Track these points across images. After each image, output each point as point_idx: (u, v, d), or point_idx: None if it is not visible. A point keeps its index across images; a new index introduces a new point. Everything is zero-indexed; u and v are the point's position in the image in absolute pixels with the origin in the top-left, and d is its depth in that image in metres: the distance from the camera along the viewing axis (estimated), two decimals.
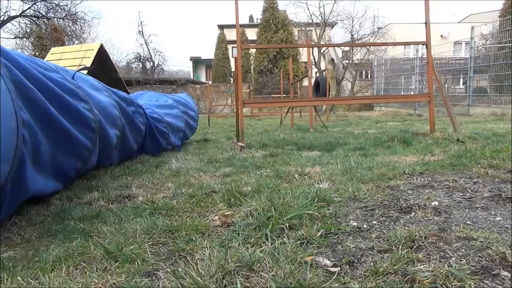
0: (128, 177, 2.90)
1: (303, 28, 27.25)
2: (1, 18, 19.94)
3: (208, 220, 1.67)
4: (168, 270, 1.20)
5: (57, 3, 20.83)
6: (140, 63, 28.22)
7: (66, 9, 21.17)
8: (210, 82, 13.78)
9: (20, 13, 20.63)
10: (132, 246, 1.34)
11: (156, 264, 1.26)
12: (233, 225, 1.63)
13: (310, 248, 1.29)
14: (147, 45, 28.11)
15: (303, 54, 24.75)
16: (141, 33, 27.92)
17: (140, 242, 1.42)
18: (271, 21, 24.02)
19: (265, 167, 3.07)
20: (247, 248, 1.28)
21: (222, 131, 8.93)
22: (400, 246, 1.24)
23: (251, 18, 36.11)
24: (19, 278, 1.14)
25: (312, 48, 25.32)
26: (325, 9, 25.16)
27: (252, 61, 25.32)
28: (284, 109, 10.91)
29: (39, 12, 20.97)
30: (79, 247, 1.34)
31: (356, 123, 10.24)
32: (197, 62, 36.61)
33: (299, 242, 1.33)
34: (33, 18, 21.35)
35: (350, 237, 1.40)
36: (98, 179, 2.80)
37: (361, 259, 1.21)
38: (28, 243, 1.52)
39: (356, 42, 24.22)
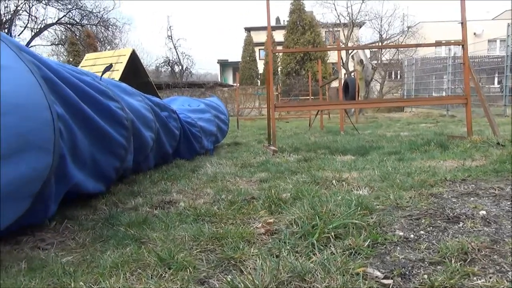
0: (167, 182, 2.97)
1: (331, 29, 27.03)
2: (39, 26, 20.85)
3: (252, 228, 1.70)
4: (221, 278, 1.23)
5: (90, 11, 21.58)
6: (169, 67, 28.76)
7: (99, 16, 21.90)
8: (237, 85, 13.86)
9: (56, 21, 21.50)
10: (182, 253, 1.39)
11: (208, 272, 1.29)
12: (276, 233, 1.66)
13: (359, 258, 1.29)
14: (176, 49, 28.64)
15: (331, 55, 24.52)
16: (170, 37, 28.47)
17: (189, 249, 1.46)
18: (298, 23, 23.95)
19: (301, 172, 3.08)
20: (297, 258, 1.29)
21: (251, 134, 8.98)
22: (453, 259, 1.22)
23: (277, 20, 36.09)
24: (81, 283, 1.20)
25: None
26: (353, 9, 24.84)
27: (279, 63, 25.32)
28: (313, 111, 10.85)
29: (73, 19, 21.80)
30: (133, 254, 1.40)
31: (386, 125, 10.05)
32: (224, 64, 36.95)
33: (347, 252, 1.33)
34: (68, 25, 22.19)
35: (398, 248, 1.39)
36: (139, 184, 2.89)
37: (412, 271, 1.20)
38: (83, 248, 1.59)
39: (385, 41, 23.80)
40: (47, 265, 1.37)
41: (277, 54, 26.84)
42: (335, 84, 17.92)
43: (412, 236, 1.50)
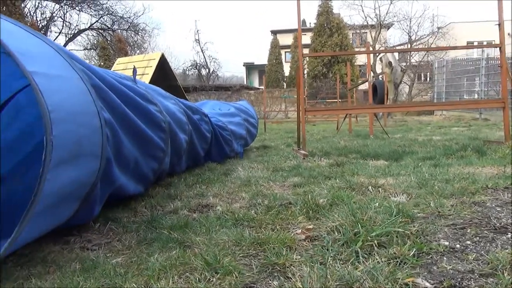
0: (202, 185, 3.02)
1: (358, 31, 26.73)
2: (72, 32, 21.63)
3: (292, 234, 1.71)
4: (267, 283, 1.25)
5: (121, 16, 22.22)
6: (196, 70, 29.18)
7: (129, 21, 22.50)
8: (264, 88, 13.91)
9: (89, 26, 22.25)
10: (227, 257, 1.41)
11: (253, 277, 1.31)
12: (317, 240, 1.66)
13: (406, 268, 1.28)
14: (203, 53, 29.04)
15: (358, 58, 24.23)
16: (198, 41, 28.89)
17: (232, 254, 1.49)
18: (325, 25, 23.80)
19: (334, 177, 3.06)
20: (343, 265, 1.29)
21: (279, 137, 8.99)
22: (505, 271, 1.20)
23: (303, 22, 35.99)
24: (133, 284, 1.25)
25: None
26: (381, 10, 24.50)
27: (306, 65, 25.22)
28: (341, 114, 10.74)
29: (105, 24, 22.49)
30: (179, 257, 1.43)
31: (416, 129, 9.84)
32: (250, 67, 37.14)
33: (392, 261, 1.32)
34: (100, 31, 22.91)
35: (445, 258, 1.37)
36: (175, 188, 2.95)
37: (462, 283, 1.18)
38: (129, 250, 1.65)
39: (415, 43, 23.30)
40: (98, 266, 1.43)
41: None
42: (362, 86, 17.69)
43: (458, 246, 1.48)
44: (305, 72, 25.45)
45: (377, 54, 21.33)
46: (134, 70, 4.35)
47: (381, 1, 27.79)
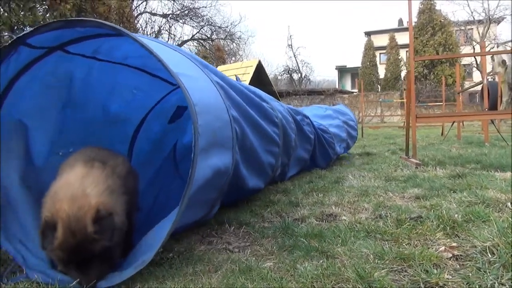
0: (318, 193, 3.07)
1: (462, 27, 24.63)
2: (177, 43, 23.46)
3: (435, 251, 1.66)
4: None
5: (219, 26, 23.55)
6: (288, 75, 29.55)
7: (227, 30, 23.74)
8: (362, 92, 13.54)
9: (191, 37, 24.00)
10: (376, 271, 1.43)
11: None
12: (463, 259, 1.59)
13: None
14: (295, 58, 29.29)
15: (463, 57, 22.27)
16: (290, 46, 29.24)
17: (377, 268, 1.50)
18: (427, 24, 22.32)
19: (460, 191, 2.87)
20: None
21: (379, 143, 8.68)
22: None
23: (400, 21, 34.27)
24: None
25: (474, 50, 22.82)
26: (489, 3, 22.21)
27: (403, 67, 23.95)
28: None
29: (205, 35, 24.03)
30: (328, 267, 1.49)
31: None
32: (342, 70, 36.44)
33: None
34: (200, 41, 24.54)
35: None
36: (293, 195, 3.04)
37: None
38: (272, 255, 1.75)
39: None
40: (252, 269, 1.55)
41: (399, 57, 25.47)
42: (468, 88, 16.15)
43: None
44: (402, 73, 24.19)
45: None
46: (237, 78, 4.61)
47: None
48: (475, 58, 22.39)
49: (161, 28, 22.20)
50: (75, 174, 1.57)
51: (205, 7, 23.73)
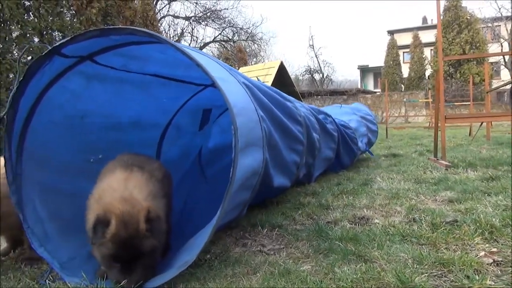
0: (348, 195, 3.06)
1: (489, 24, 23.94)
2: (199, 45, 23.76)
3: (475, 256, 1.64)
4: None
5: (241, 27, 23.69)
6: (310, 75, 29.40)
7: (248, 32, 23.84)
8: (386, 92, 13.34)
9: (213, 39, 24.21)
10: (418, 276, 1.42)
11: None
12: (504, 265, 1.56)
13: None
14: (317, 58, 29.13)
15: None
16: (312, 46, 29.11)
17: (417, 273, 1.49)
18: (452, 21, 21.79)
19: (495, 194, 2.81)
20: None
21: (405, 144, 8.54)
22: None
23: (424, 19, 33.61)
24: None
25: (502, 47, 22.17)
26: None
27: (428, 65, 23.46)
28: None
29: (227, 36, 24.20)
30: (368, 271, 1.49)
31: None
32: (364, 70, 35.99)
33: None
34: (222, 42, 24.73)
35: None
36: (323, 197, 3.04)
37: None
38: (308, 258, 1.77)
39: None
40: (290, 272, 1.57)
41: (423, 56, 24.99)
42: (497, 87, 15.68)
43: None
44: (426, 73, 23.69)
45: None
46: (258, 80, 4.64)
47: None
48: (503, 56, 21.75)
49: (184, 30, 22.53)
50: (117, 179, 1.63)
51: (227, 8, 23.94)
